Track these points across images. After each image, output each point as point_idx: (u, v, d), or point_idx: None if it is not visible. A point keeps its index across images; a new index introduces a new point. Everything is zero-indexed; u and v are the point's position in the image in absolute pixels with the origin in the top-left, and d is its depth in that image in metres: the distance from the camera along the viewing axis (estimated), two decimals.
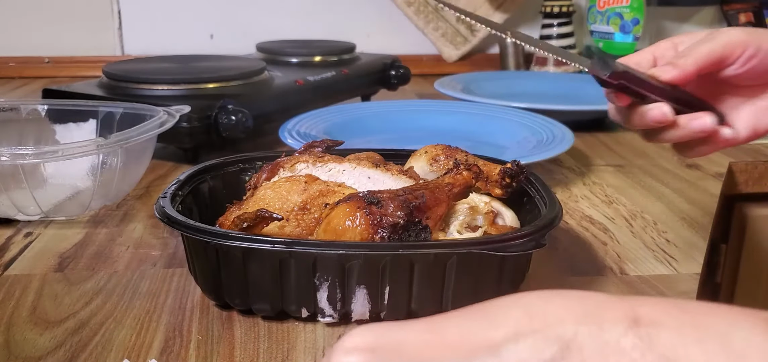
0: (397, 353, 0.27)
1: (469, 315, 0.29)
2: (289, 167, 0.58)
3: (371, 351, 0.27)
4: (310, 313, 0.49)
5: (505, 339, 0.26)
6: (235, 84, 0.94)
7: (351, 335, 0.28)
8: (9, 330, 0.48)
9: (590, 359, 0.25)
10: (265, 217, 0.48)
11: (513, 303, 0.27)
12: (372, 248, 0.46)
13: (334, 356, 0.27)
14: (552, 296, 0.27)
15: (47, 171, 0.73)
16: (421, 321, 0.29)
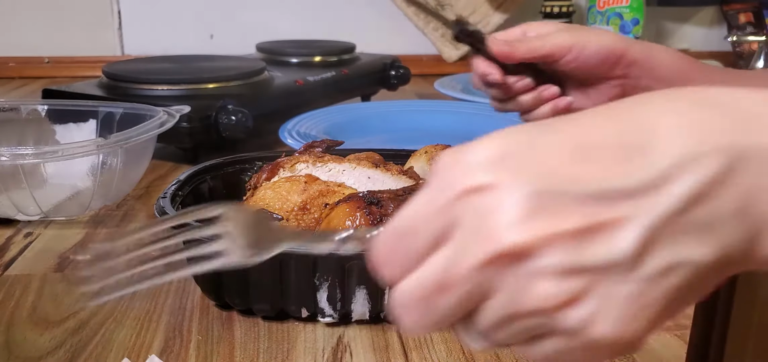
0: (548, 174, 0.23)
1: (614, 118, 0.24)
2: (289, 167, 0.58)
3: (519, 169, 0.23)
4: (310, 313, 0.49)
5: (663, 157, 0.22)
6: (235, 84, 0.94)
7: (486, 146, 0.24)
8: (9, 331, 0.48)
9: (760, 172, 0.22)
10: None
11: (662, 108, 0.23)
12: None
13: (474, 173, 0.24)
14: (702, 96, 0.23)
15: (47, 171, 0.73)
16: (556, 126, 0.24)
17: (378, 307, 0.48)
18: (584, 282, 0.22)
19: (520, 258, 0.22)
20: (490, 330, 0.25)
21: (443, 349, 0.47)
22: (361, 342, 0.47)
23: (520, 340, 0.25)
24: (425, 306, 0.25)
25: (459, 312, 0.25)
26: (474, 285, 0.24)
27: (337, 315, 0.48)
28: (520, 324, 0.24)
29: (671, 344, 0.48)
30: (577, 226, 0.22)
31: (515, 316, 0.23)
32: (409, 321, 0.26)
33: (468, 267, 0.23)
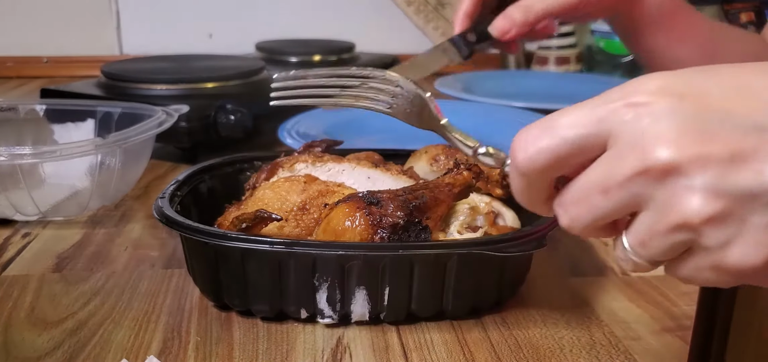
0: (706, 106, 0.25)
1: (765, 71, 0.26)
2: (288, 167, 0.58)
3: (681, 97, 0.26)
4: (309, 314, 0.48)
5: None
6: (234, 83, 0.94)
7: (651, 77, 0.27)
8: (7, 331, 0.48)
9: None
10: (264, 218, 0.48)
11: None
12: (371, 248, 0.46)
13: (638, 94, 0.26)
14: None
15: (45, 171, 0.73)
16: (712, 70, 0.27)
17: (378, 308, 0.48)
18: (729, 204, 0.24)
19: (671, 174, 0.25)
20: (642, 241, 0.27)
21: (444, 350, 0.46)
22: (361, 343, 0.47)
23: (664, 254, 0.27)
24: (587, 206, 0.28)
25: (615, 215, 0.28)
26: (629, 194, 0.26)
27: (337, 316, 0.48)
28: (667, 238, 0.26)
29: (672, 344, 0.48)
30: (729, 152, 0.24)
31: (663, 228, 0.26)
32: (569, 218, 0.29)
33: (624, 176, 0.26)
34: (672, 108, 0.25)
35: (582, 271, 0.59)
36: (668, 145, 0.25)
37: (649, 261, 0.28)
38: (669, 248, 0.27)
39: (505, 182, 0.57)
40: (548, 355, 0.46)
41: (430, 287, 0.48)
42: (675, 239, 0.26)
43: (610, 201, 0.27)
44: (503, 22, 0.58)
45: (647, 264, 0.29)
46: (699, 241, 0.26)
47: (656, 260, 0.28)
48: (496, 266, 0.49)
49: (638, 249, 0.28)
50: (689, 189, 0.25)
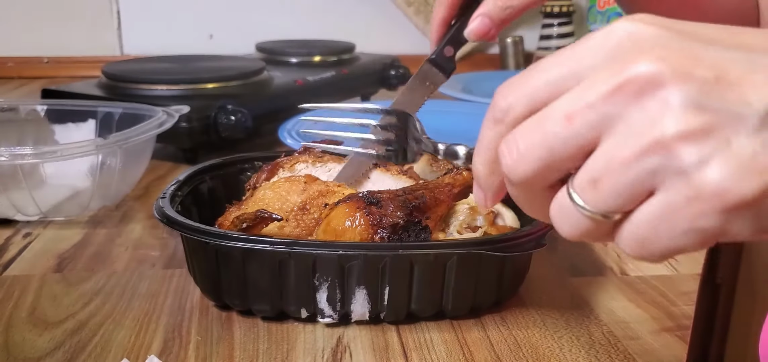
0: (692, 34, 0.24)
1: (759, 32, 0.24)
2: (288, 167, 0.58)
3: (666, 27, 0.24)
4: (309, 314, 0.49)
5: None
6: (235, 84, 0.94)
7: (637, 17, 0.25)
8: (8, 331, 0.48)
9: None
10: (264, 218, 0.48)
11: None
12: (371, 248, 0.46)
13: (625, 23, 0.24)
14: None
15: (46, 171, 0.73)
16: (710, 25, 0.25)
17: (378, 308, 0.48)
18: (710, 120, 0.22)
19: (649, 88, 0.23)
20: (594, 178, 0.24)
21: (443, 350, 0.46)
22: (361, 343, 0.47)
23: (620, 197, 0.24)
24: (540, 134, 0.25)
25: (570, 153, 0.24)
26: (596, 117, 0.23)
27: (337, 316, 0.48)
28: (629, 169, 0.23)
29: (671, 344, 0.48)
30: (714, 74, 0.22)
31: (628, 154, 0.23)
32: (514, 154, 0.26)
33: (596, 95, 0.23)
34: (655, 32, 0.24)
35: (581, 271, 0.59)
36: (649, 58, 0.23)
37: (598, 211, 0.24)
38: (629, 184, 0.23)
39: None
40: (547, 355, 0.46)
41: (430, 287, 0.48)
42: (639, 169, 0.23)
43: (570, 130, 0.24)
44: (480, 24, 0.51)
45: (593, 217, 0.25)
46: (672, 164, 0.22)
47: (609, 207, 0.24)
48: (496, 266, 0.49)
49: (587, 192, 0.24)
50: (666, 105, 0.22)
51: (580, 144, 0.24)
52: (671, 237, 0.23)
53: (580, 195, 0.25)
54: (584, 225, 0.25)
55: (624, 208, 0.24)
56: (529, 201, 0.28)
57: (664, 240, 0.23)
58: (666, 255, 0.24)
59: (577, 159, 0.25)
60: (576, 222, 0.25)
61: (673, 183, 0.23)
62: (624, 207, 0.24)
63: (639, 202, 0.24)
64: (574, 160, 0.25)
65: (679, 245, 0.23)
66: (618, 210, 0.24)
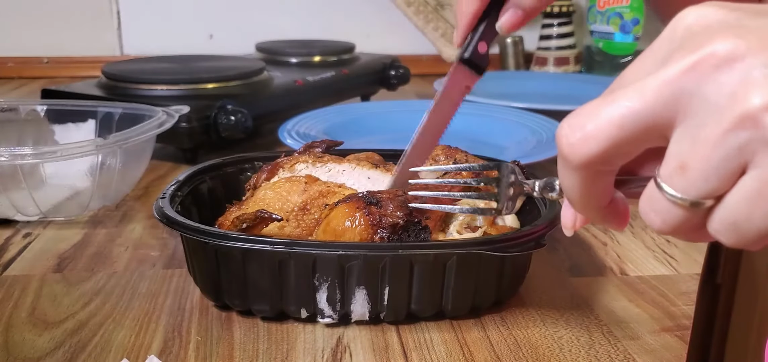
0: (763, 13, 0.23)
1: None
2: (288, 167, 0.58)
3: (735, 10, 0.24)
4: (309, 314, 0.49)
5: None
6: (235, 84, 0.94)
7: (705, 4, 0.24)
8: (8, 331, 0.48)
9: None
10: (264, 218, 0.48)
11: None
12: (371, 249, 0.46)
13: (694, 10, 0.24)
14: None
15: (46, 171, 0.73)
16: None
17: (378, 308, 0.48)
18: None
19: (728, 61, 0.22)
20: (682, 163, 0.23)
21: (443, 350, 0.46)
22: (361, 343, 0.47)
23: (713, 179, 0.23)
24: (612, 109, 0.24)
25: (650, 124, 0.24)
26: (674, 90, 0.23)
27: (337, 316, 0.48)
28: (718, 149, 0.22)
29: (671, 344, 0.48)
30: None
31: (715, 133, 0.22)
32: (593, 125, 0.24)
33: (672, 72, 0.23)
34: (725, 14, 0.23)
35: (581, 271, 0.59)
36: (724, 36, 0.22)
37: (690, 197, 0.23)
38: (719, 163, 0.22)
39: None
40: (547, 355, 0.46)
41: (430, 287, 0.48)
42: (728, 146, 0.22)
43: (643, 104, 0.23)
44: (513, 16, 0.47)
45: (685, 205, 0.23)
46: (761, 136, 0.21)
47: (700, 192, 0.23)
48: (496, 266, 0.49)
49: (676, 179, 0.23)
50: (748, 77, 0.22)
51: (654, 121, 0.23)
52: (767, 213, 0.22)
53: (669, 184, 0.24)
54: (676, 215, 0.24)
55: (716, 192, 0.23)
56: (587, 191, 0.26)
57: (760, 219, 0.23)
58: (763, 236, 0.23)
59: (650, 140, 0.24)
60: (668, 213, 0.24)
61: (765, 156, 0.22)
62: (716, 190, 0.23)
63: (731, 184, 0.23)
64: (645, 141, 0.24)
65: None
66: (710, 195, 0.23)
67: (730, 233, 0.23)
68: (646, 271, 0.59)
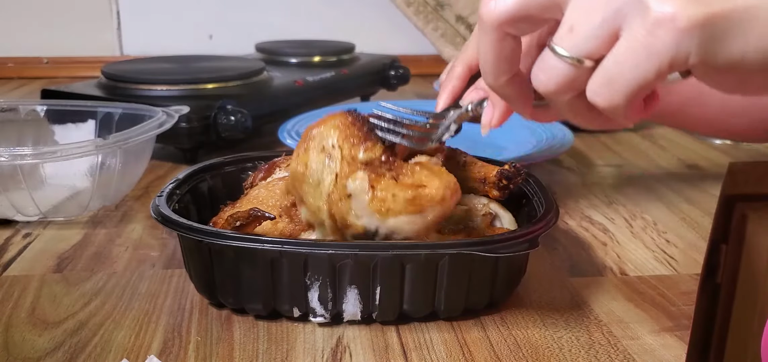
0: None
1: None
2: (285, 166, 0.58)
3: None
4: (302, 313, 0.48)
5: None
6: (235, 84, 0.94)
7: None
8: (7, 331, 0.48)
9: None
10: (257, 216, 0.48)
11: None
12: (363, 248, 0.46)
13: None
14: None
15: (46, 171, 0.73)
16: None
17: (370, 308, 0.48)
18: None
19: None
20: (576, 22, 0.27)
21: (443, 350, 0.46)
22: (361, 343, 0.47)
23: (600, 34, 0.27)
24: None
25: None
26: None
27: (329, 315, 0.48)
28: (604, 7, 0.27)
29: (671, 344, 0.48)
30: None
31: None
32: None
33: None
34: None
35: (581, 271, 0.59)
36: None
37: (575, 54, 0.27)
38: (599, 24, 0.27)
39: (501, 184, 0.57)
40: (547, 355, 0.46)
41: (422, 287, 0.48)
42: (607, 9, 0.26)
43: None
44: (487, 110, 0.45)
45: (571, 62, 0.28)
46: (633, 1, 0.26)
47: (583, 50, 0.27)
48: (490, 267, 0.49)
49: (565, 39, 0.28)
50: None
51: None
52: (634, 66, 0.26)
53: (559, 43, 0.28)
54: (561, 72, 0.28)
55: (596, 51, 0.27)
56: (497, 52, 0.31)
57: (629, 73, 0.27)
58: (631, 91, 0.27)
59: (551, 10, 0.28)
60: (555, 70, 0.29)
61: (635, 19, 0.26)
62: (596, 49, 0.27)
63: (608, 47, 0.27)
64: (547, 9, 0.28)
65: (640, 75, 0.26)
66: (591, 53, 0.27)
67: (604, 90, 0.28)
68: (646, 271, 0.59)
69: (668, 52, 0.26)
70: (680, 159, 0.95)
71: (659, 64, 0.26)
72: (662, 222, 0.71)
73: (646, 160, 0.94)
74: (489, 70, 0.32)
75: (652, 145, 1.02)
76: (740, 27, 0.26)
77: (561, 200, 0.77)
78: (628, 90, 0.27)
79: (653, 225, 0.70)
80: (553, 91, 0.29)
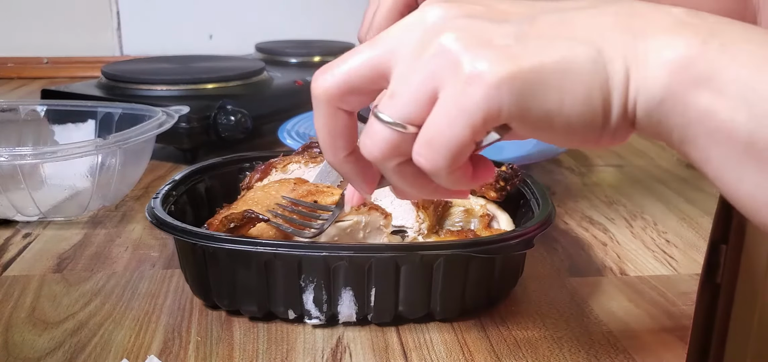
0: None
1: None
2: (281, 167, 0.58)
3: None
4: (297, 315, 0.48)
5: None
6: (235, 84, 0.94)
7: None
8: (8, 331, 0.48)
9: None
10: (251, 218, 0.48)
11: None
12: (357, 250, 0.46)
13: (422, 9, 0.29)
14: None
15: (46, 171, 0.73)
16: None
17: (365, 309, 0.48)
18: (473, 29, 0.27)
19: (432, 18, 0.28)
20: (392, 91, 0.28)
21: (443, 350, 0.46)
22: (361, 343, 0.47)
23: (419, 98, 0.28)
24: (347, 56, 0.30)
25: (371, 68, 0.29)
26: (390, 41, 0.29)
27: (324, 317, 0.48)
28: (421, 70, 0.28)
29: (671, 344, 0.48)
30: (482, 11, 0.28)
31: (418, 62, 0.28)
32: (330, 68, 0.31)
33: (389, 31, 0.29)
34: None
35: (580, 271, 0.59)
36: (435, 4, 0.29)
37: (397, 118, 0.28)
38: (417, 86, 0.28)
39: (499, 185, 0.57)
40: (547, 355, 0.46)
41: (417, 289, 0.47)
42: (424, 71, 0.27)
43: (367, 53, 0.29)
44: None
45: (395, 127, 0.29)
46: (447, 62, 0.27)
47: (404, 114, 0.28)
48: (485, 268, 0.49)
49: (387, 105, 0.29)
50: (443, 24, 0.28)
51: (377, 65, 0.29)
52: (449, 124, 0.27)
53: (381, 109, 0.29)
54: (386, 137, 0.29)
55: (417, 114, 0.28)
56: (331, 128, 0.32)
57: (445, 131, 0.27)
58: (450, 150, 0.28)
59: (377, 81, 0.30)
60: (379, 135, 0.29)
61: (449, 79, 0.27)
62: (416, 112, 0.28)
63: (427, 111, 0.28)
64: (373, 81, 0.30)
65: (457, 132, 0.27)
66: (412, 118, 0.28)
67: (427, 151, 0.28)
68: (645, 271, 0.59)
69: (479, 107, 0.26)
70: (680, 159, 0.95)
71: (472, 120, 0.27)
72: (662, 222, 0.71)
73: (646, 160, 0.94)
74: (326, 146, 0.33)
75: (652, 145, 1.02)
76: (554, 80, 0.26)
77: (561, 200, 0.77)
78: (447, 149, 0.28)
79: (653, 225, 0.70)
80: (379, 156, 0.30)
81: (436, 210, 0.55)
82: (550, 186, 0.82)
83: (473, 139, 0.27)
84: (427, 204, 0.55)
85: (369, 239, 0.50)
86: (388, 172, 0.31)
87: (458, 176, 0.30)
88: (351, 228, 0.50)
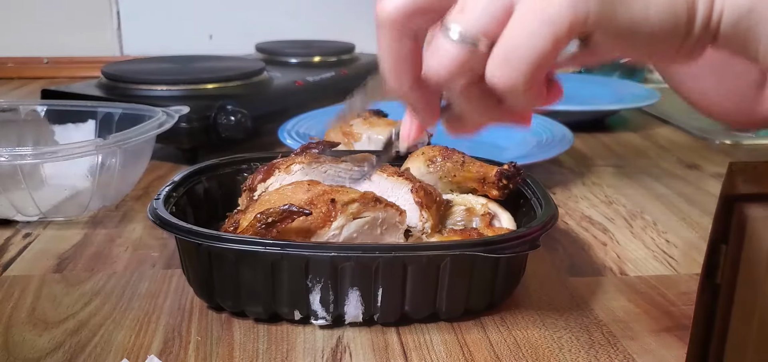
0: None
1: None
2: (284, 168, 0.58)
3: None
4: (303, 316, 0.48)
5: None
6: (235, 84, 0.94)
7: None
8: (8, 331, 0.48)
9: None
10: (292, 212, 0.46)
11: None
12: (365, 250, 0.46)
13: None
14: None
15: (46, 171, 0.73)
16: None
17: (371, 309, 0.48)
18: None
19: None
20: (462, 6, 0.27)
21: (443, 350, 0.46)
22: (361, 344, 0.47)
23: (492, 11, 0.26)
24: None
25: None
26: None
27: (331, 318, 0.48)
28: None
29: (671, 344, 0.48)
30: None
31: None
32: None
33: None
34: None
35: (580, 271, 0.59)
36: None
37: (468, 33, 0.26)
38: (490, 2, 0.26)
39: (501, 184, 0.57)
40: (547, 355, 0.46)
41: (424, 289, 0.48)
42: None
43: None
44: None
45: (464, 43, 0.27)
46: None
47: (476, 28, 0.26)
48: (490, 268, 0.49)
49: (457, 19, 0.26)
50: None
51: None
52: (530, 36, 0.25)
53: (451, 24, 0.27)
54: (456, 55, 0.27)
55: (491, 27, 0.26)
56: (396, 53, 0.30)
57: (526, 44, 0.25)
58: (530, 64, 0.26)
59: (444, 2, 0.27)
60: (449, 55, 0.27)
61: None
62: (490, 25, 0.26)
63: (501, 26, 0.26)
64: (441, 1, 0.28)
65: (538, 44, 0.25)
66: (486, 30, 0.26)
67: (502, 68, 0.26)
68: (645, 271, 0.59)
69: (565, 15, 0.25)
70: (680, 159, 0.95)
71: (556, 29, 0.25)
72: (662, 222, 0.71)
73: (646, 160, 0.94)
74: (390, 72, 0.30)
75: (652, 145, 1.02)
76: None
77: (561, 200, 0.77)
78: (526, 64, 0.26)
79: (653, 225, 0.70)
80: (446, 75, 0.28)
81: (438, 210, 0.55)
82: (550, 187, 0.82)
83: (556, 50, 0.25)
84: (430, 203, 0.55)
85: (385, 236, 0.50)
86: (454, 95, 0.29)
87: (534, 94, 0.27)
88: (368, 225, 0.50)
